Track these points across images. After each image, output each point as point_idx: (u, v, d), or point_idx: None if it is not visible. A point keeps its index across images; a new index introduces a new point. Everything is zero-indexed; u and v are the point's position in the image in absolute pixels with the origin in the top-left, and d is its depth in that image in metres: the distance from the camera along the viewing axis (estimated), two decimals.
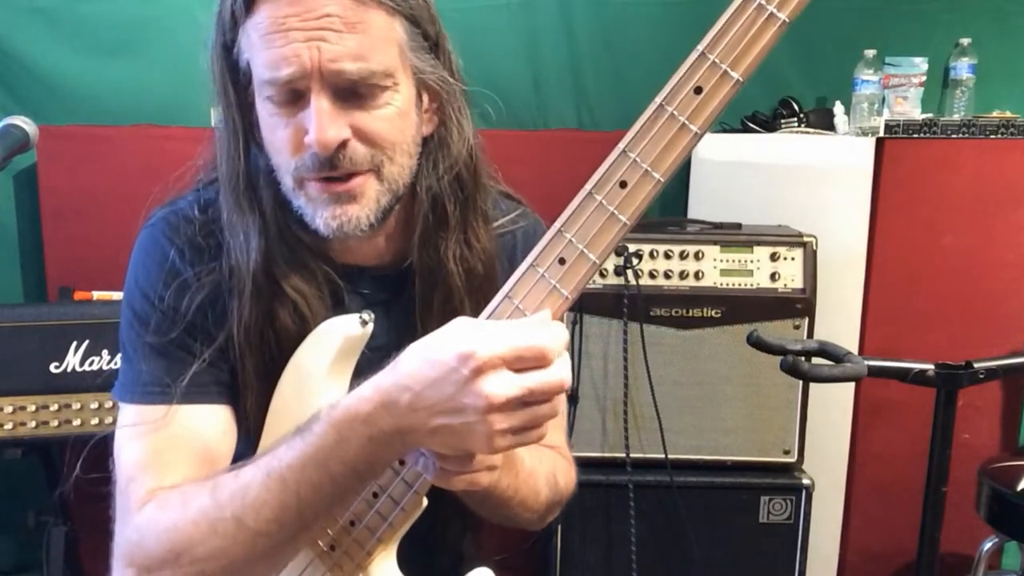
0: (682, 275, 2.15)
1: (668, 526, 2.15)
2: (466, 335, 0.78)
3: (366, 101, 0.93)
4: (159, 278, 1.00)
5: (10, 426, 2.04)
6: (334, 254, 1.05)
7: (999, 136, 2.33)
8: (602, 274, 2.14)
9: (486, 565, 1.07)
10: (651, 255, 2.15)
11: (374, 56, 0.92)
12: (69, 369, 2.05)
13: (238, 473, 0.88)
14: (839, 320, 2.27)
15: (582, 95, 2.76)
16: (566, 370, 0.79)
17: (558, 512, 1.14)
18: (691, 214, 2.60)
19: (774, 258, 2.14)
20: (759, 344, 1.54)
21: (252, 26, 0.91)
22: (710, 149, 2.62)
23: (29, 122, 1.32)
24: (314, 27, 0.88)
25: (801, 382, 2.13)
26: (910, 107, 2.57)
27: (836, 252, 2.25)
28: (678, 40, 1.06)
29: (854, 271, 2.34)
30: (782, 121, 2.61)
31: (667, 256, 2.15)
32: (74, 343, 2.05)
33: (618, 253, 2.13)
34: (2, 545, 2.62)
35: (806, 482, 2.15)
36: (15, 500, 2.37)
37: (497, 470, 0.92)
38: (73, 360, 2.05)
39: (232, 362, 1.01)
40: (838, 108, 2.59)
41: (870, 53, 2.56)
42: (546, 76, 2.74)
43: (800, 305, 2.13)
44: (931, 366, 1.46)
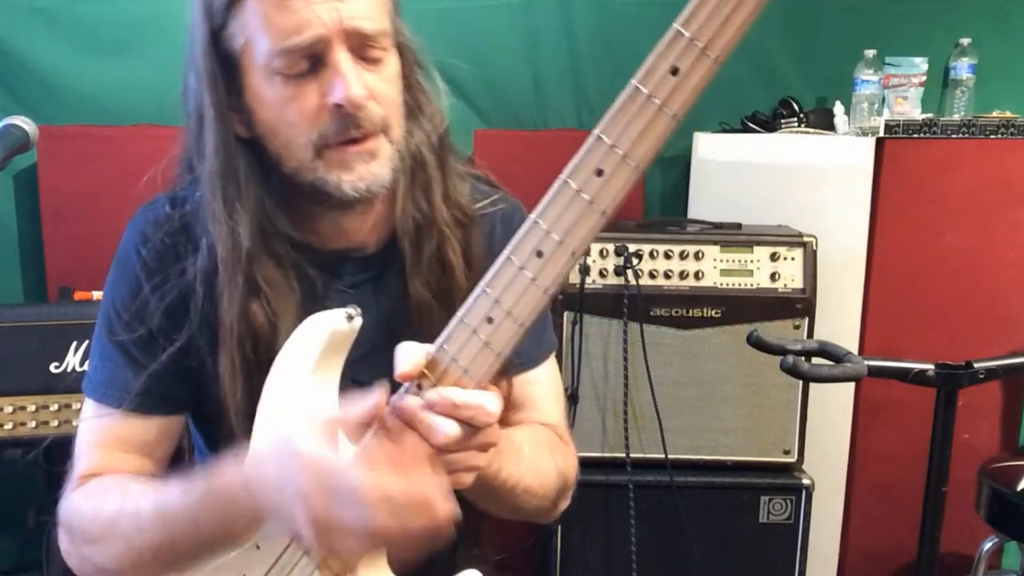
0: (682, 275, 2.15)
1: (668, 526, 2.15)
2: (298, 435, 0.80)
3: (372, 64, 0.95)
4: (124, 283, 1.05)
5: (10, 426, 2.04)
6: (323, 241, 1.06)
7: (999, 136, 2.33)
8: (602, 274, 2.14)
9: (480, 567, 1.05)
10: (651, 255, 2.15)
11: (381, 16, 0.95)
12: (69, 369, 2.05)
13: (141, 495, 0.94)
14: (839, 320, 2.27)
15: (582, 95, 2.76)
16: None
17: (568, 500, 1.12)
18: (691, 214, 2.60)
19: (774, 258, 2.14)
20: (759, 344, 1.54)
21: (255, 2, 0.92)
22: (710, 149, 2.62)
23: (29, 122, 1.32)
24: None
25: (801, 382, 2.13)
26: (910, 107, 2.57)
27: (836, 252, 2.24)
28: None
29: (854, 271, 2.34)
30: (782, 121, 2.61)
31: (667, 256, 2.15)
32: (74, 343, 2.05)
33: (618, 253, 2.13)
34: (2, 545, 2.63)
35: (806, 482, 2.15)
36: (15, 500, 2.37)
37: (489, 455, 0.88)
38: (73, 360, 2.05)
39: (196, 365, 1.03)
40: (838, 108, 2.59)
41: (870, 53, 2.56)
42: (546, 76, 2.74)
43: (800, 305, 2.13)
44: (931, 366, 1.46)
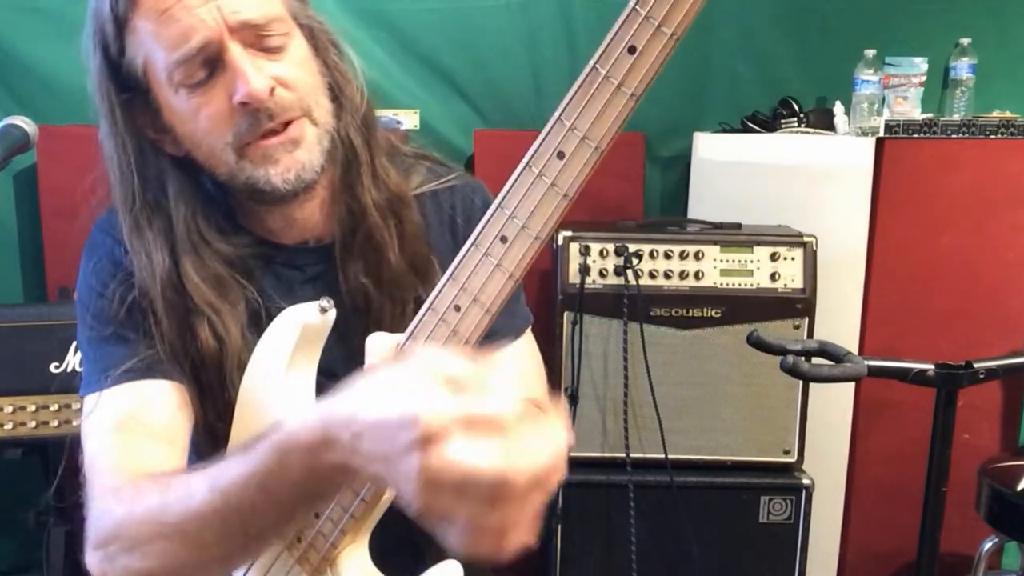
0: (682, 275, 2.15)
1: (668, 526, 2.15)
2: (417, 394, 0.61)
3: (273, 52, 0.95)
4: (90, 284, 1.05)
5: (10, 426, 2.04)
6: (279, 236, 1.07)
7: (999, 136, 2.33)
8: (602, 274, 2.14)
9: (480, 567, 1.05)
10: (651, 255, 2.15)
11: (267, 3, 0.95)
12: (69, 369, 2.05)
13: (189, 478, 0.84)
14: (839, 320, 2.27)
15: None
16: (528, 460, 0.59)
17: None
18: (691, 214, 2.60)
19: (774, 258, 2.14)
20: (759, 344, 1.54)
21: (142, 17, 0.93)
22: (710, 149, 2.62)
23: (29, 122, 1.32)
24: None
25: (801, 382, 2.13)
26: (910, 107, 2.57)
27: (836, 252, 2.24)
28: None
29: (854, 271, 2.34)
30: (782, 121, 2.61)
31: (667, 256, 2.15)
32: (74, 343, 2.05)
33: (618, 253, 2.13)
34: (2, 545, 2.62)
35: (806, 482, 2.15)
36: (15, 500, 2.37)
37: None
38: (73, 360, 2.05)
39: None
40: (838, 108, 2.59)
41: (870, 53, 2.56)
42: (546, 76, 2.74)
43: (800, 305, 2.13)
44: (931, 366, 1.47)
